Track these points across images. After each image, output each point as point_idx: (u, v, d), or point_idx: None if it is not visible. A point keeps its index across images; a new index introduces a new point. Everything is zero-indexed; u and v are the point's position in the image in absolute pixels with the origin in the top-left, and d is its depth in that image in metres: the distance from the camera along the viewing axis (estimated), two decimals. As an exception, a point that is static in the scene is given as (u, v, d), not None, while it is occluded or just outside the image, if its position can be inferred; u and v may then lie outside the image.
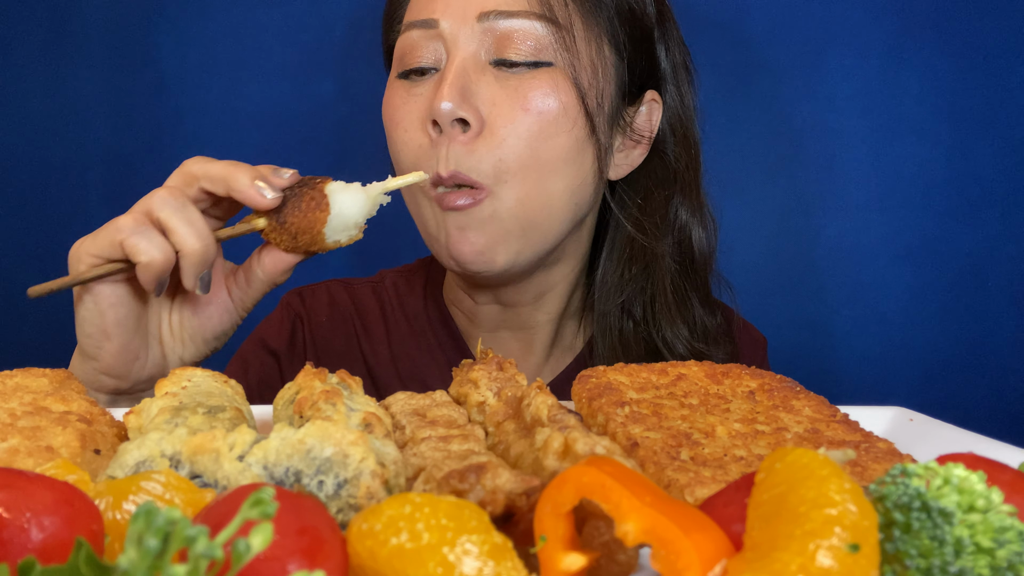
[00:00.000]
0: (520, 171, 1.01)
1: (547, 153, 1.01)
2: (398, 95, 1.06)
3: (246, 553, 0.35)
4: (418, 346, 1.23)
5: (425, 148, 1.02)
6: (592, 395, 0.72)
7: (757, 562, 0.39)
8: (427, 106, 1.02)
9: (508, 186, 1.01)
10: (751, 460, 0.61)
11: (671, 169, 1.16)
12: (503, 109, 1.00)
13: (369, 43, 1.59)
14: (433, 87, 1.02)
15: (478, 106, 1.00)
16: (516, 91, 1.00)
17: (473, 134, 0.99)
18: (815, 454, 0.44)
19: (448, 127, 0.99)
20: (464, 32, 1.01)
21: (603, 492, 0.45)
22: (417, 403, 0.73)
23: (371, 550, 0.42)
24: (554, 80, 1.01)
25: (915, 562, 0.41)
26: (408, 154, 1.04)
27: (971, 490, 0.42)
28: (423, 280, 1.28)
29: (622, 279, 1.14)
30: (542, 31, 1.01)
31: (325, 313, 1.27)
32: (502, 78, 1.01)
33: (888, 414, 0.78)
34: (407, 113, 1.04)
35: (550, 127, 1.01)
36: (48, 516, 0.41)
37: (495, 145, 1.00)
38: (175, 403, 0.64)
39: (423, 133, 1.02)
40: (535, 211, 1.03)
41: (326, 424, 0.52)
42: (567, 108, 1.02)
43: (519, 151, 1.00)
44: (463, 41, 1.01)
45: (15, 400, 0.66)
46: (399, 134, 1.05)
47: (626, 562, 0.49)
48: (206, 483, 0.51)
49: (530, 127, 1.00)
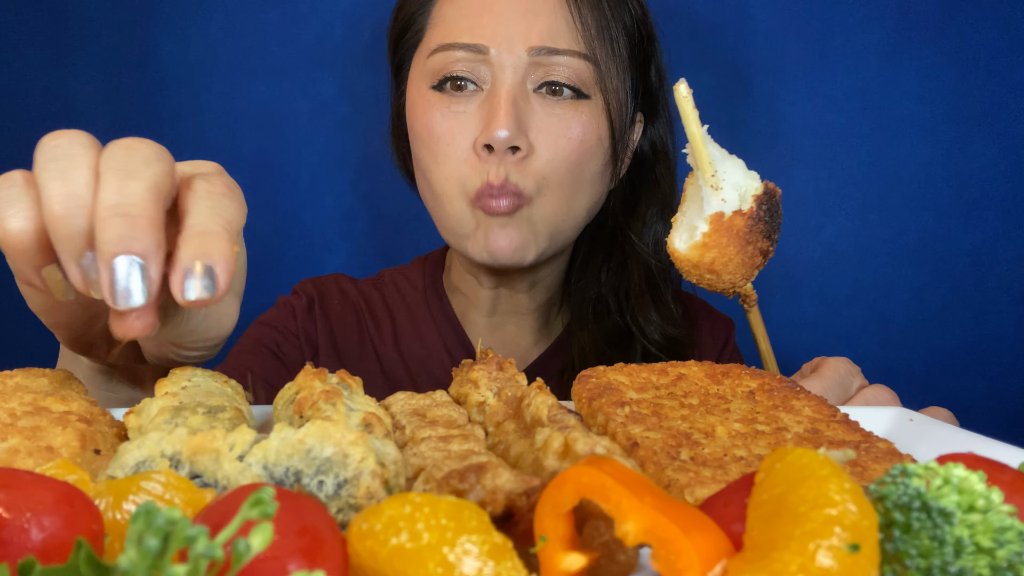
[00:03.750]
0: (557, 188, 1.14)
1: (580, 175, 1.15)
2: (437, 109, 1.14)
3: (246, 553, 0.35)
4: (419, 332, 1.34)
5: (472, 163, 1.12)
6: (592, 395, 0.72)
7: (757, 562, 0.39)
8: (474, 126, 1.12)
9: (545, 198, 1.14)
10: (751, 460, 0.61)
11: (656, 182, 1.29)
12: (548, 136, 1.12)
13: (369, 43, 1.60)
14: (481, 109, 1.12)
15: (527, 132, 1.11)
16: (560, 120, 1.12)
17: (521, 156, 1.11)
18: (815, 454, 0.44)
19: (501, 150, 1.09)
20: (512, 61, 1.11)
21: (603, 492, 0.45)
22: (417, 403, 0.73)
23: (371, 550, 0.42)
24: (592, 113, 1.15)
25: (915, 562, 0.41)
26: (451, 166, 1.13)
27: (971, 490, 0.42)
28: (421, 274, 1.39)
29: (601, 272, 1.30)
30: (583, 67, 1.13)
31: (337, 298, 1.37)
32: (546, 106, 1.13)
33: (888, 414, 0.78)
34: (449, 129, 1.13)
35: (586, 154, 1.15)
36: (48, 516, 0.41)
37: (540, 166, 1.12)
38: (175, 403, 0.64)
39: (469, 150, 1.12)
40: (563, 221, 1.18)
41: (326, 424, 0.52)
42: (601, 139, 1.16)
43: (560, 173, 1.13)
44: (512, 69, 1.11)
45: (15, 400, 0.66)
46: (441, 147, 1.13)
47: (626, 562, 0.49)
48: (206, 483, 0.51)
49: (570, 154, 1.13)
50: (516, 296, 1.30)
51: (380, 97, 1.61)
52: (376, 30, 1.63)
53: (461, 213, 1.15)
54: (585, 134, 1.13)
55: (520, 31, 1.11)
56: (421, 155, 1.17)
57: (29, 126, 1.62)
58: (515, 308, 1.32)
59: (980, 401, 1.67)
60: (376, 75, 1.64)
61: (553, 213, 1.15)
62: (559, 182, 1.13)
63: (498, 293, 1.30)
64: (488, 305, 1.31)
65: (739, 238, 0.84)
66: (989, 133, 1.64)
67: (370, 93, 1.64)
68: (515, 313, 1.32)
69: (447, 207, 1.16)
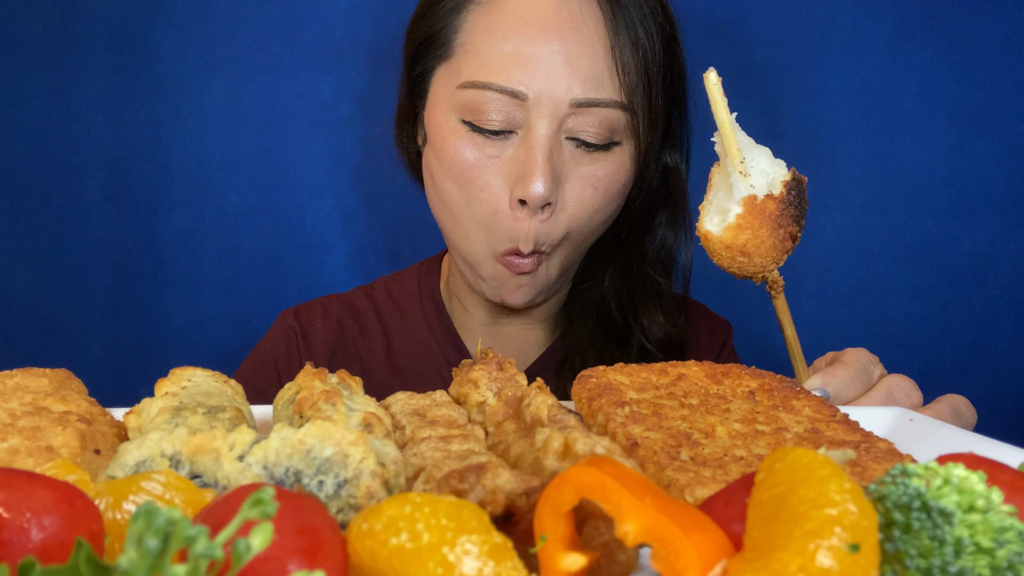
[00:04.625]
0: (575, 237, 1.15)
1: (601, 218, 1.16)
2: (469, 148, 1.11)
3: (246, 553, 0.35)
4: (414, 340, 1.32)
5: (503, 216, 1.10)
6: (592, 395, 0.72)
7: (757, 562, 0.39)
8: (507, 172, 1.09)
9: (562, 248, 1.15)
10: (751, 460, 0.61)
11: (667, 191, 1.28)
12: (576, 188, 1.11)
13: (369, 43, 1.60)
14: (515, 154, 1.09)
15: (559, 186, 1.10)
16: (590, 171, 1.11)
17: (550, 212, 1.10)
18: (815, 454, 0.44)
19: (535, 207, 1.08)
20: (551, 110, 1.07)
21: (603, 492, 0.45)
22: (417, 403, 0.73)
23: (371, 550, 0.42)
24: (621, 160, 1.13)
25: (915, 562, 0.41)
26: (480, 212, 1.12)
27: (971, 490, 0.42)
28: (417, 281, 1.37)
29: (604, 274, 1.29)
30: (620, 116, 1.10)
31: (320, 322, 1.35)
32: (576, 155, 1.11)
33: (888, 414, 0.78)
34: (482, 172, 1.10)
35: (609, 200, 1.15)
36: (48, 516, 0.41)
37: (565, 219, 1.11)
38: (175, 403, 0.64)
39: (501, 199, 1.10)
40: (576, 259, 1.21)
41: (326, 424, 0.52)
42: (626, 184, 1.16)
43: (582, 222, 1.13)
44: (549, 118, 1.08)
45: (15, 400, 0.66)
46: (474, 191, 1.11)
47: (626, 562, 0.49)
48: (206, 483, 0.51)
49: (595, 202, 1.13)
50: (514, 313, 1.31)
51: (380, 97, 1.61)
52: (376, 30, 1.63)
53: (482, 258, 1.15)
54: (611, 183, 1.13)
55: (563, 80, 1.06)
56: (448, 188, 1.14)
57: (29, 126, 1.62)
58: (514, 318, 1.32)
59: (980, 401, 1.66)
60: (376, 75, 1.64)
61: (568, 258, 1.18)
62: (580, 232, 1.14)
63: (493, 308, 1.30)
64: (487, 314, 1.31)
65: (771, 221, 0.84)
66: (989, 133, 1.64)
67: (370, 93, 1.64)
68: (514, 320, 1.33)
69: (470, 245, 1.15)
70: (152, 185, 1.64)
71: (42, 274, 1.61)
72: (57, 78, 1.61)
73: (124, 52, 1.62)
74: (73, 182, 1.62)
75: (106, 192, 1.63)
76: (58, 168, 1.62)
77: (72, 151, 1.62)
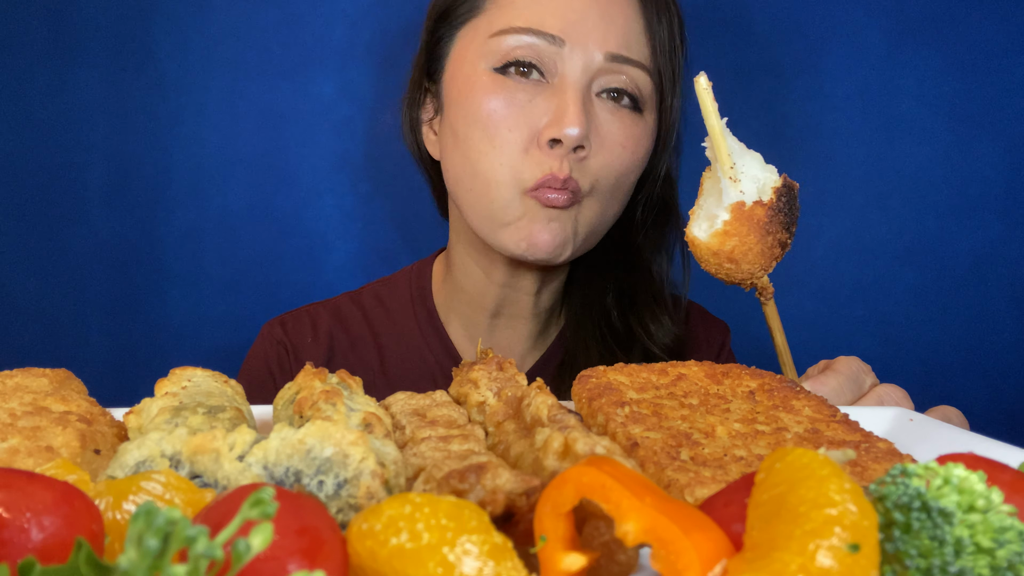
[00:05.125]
0: (605, 193, 1.16)
1: (623, 184, 1.18)
2: (499, 94, 1.12)
3: (246, 553, 0.35)
4: (407, 348, 1.31)
5: (533, 154, 1.11)
6: (592, 395, 0.72)
7: (757, 562, 0.39)
8: (537, 117, 1.11)
9: (593, 201, 1.15)
10: (751, 460, 0.61)
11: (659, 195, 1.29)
12: (608, 141, 1.13)
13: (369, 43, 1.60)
14: (548, 101, 1.10)
15: (590, 134, 1.11)
16: (620, 129, 1.14)
17: (583, 155, 1.11)
18: (815, 454, 0.44)
19: (568, 147, 1.09)
20: (585, 60, 1.11)
21: (603, 492, 0.45)
22: (417, 403, 0.73)
23: (371, 550, 0.42)
24: (645, 130, 1.18)
25: (915, 562, 0.41)
26: (508, 154, 1.12)
27: (971, 490, 0.42)
28: (407, 285, 1.36)
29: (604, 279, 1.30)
30: (647, 81, 1.15)
31: (309, 335, 1.33)
32: (607, 111, 1.14)
33: (888, 414, 0.78)
34: (512, 116, 1.11)
35: (634, 165, 1.18)
36: (48, 516, 0.41)
37: (596, 168, 1.13)
38: (175, 403, 0.64)
39: (530, 141, 1.11)
40: (598, 224, 1.19)
41: (326, 424, 0.52)
42: (645, 155, 1.19)
43: (610, 179, 1.15)
44: (583, 68, 1.11)
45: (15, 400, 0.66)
46: (503, 133, 1.12)
47: (626, 562, 0.49)
48: (206, 483, 0.51)
49: (623, 162, 1.15)
50: (521, 299, 1.28)
51: (380, 97, 1.61)
52: (376, 30, 1.63)
53: (508, 201, 1.13)
54: (636, 147, 1.16)
55: (598, 32, 1.10)
56: (472, 136, 1.14)
57: (29, 126, 1.62)
58: (518, 311, 1.30)
59: (980, 401, 1.67)
60: (376, 75, 1.64)
61: (596, 215, 1.17)
62: (608, 188, 1.15)
63: (504, 294, 1.27)
64: (492, 306, 1.28)
65: (759, 227, 0.84)
66: (989, 133, 1.64)
67: (370, 93, 1.64)
68: (517, 316, 1.31)
69: (493, 192, 1.13)
70: (152, 185, 1.64)
71: (42, 274, 1.61)
72: (57, 78, 1.61)
73: (124, 52, 1.62)
74: (73, 182, 1.62)
75: (106, 192, 1.63)
76: (58, 168, 1.62)
77: (72, 151, 1.62)
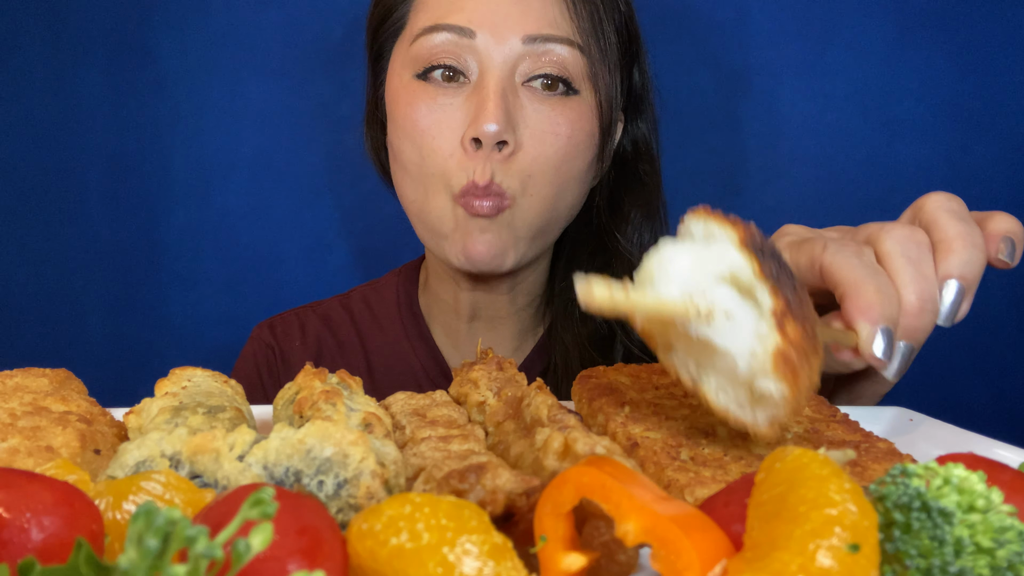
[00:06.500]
0: (542, 188, 1.09)
1: (567, 173, 1.11)
2: (422, 101, 1.09)
3: (246, 553, 0.35)
4: (393, 354, 1.30)
5: (457, 158, 1.07)
6: (592, 395, 0.72)
7: (757, 562, 0.39)
8: (461, 119, 1.07)
9: (529, 199, 1.09)
10: (751, 460, 0.61)
11: (639, 180, 1.26)
12: (536, 132, 1.07)
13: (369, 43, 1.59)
14: (468, 101, 1.07)
15: (515, 128, 1.06)
16: (549, 116, 1.08)
17: (508, 152, 1.06)
18: (815, 454, 0.44)
19: (489, 146, 1.04)
20: (503, 50, 1.06)
21: (603, 492, 0.45)
22: (417, 403, 0.73)
23: (371, 550, 0.42)
24: (582, 109, 1.10)
25: (915, 562, 0.41)
26: (437, 161, 1.08)
27: (971, 490, 0.42)
28: (394, 291, 1.34)
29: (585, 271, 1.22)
30: (576, 58, 1.08)
31: (298, 338, 1.32)
32: (535, 101, 1.08)
33: (888, 414, 0.78)
34: (436, 122, 1.08)
35: (574, 151, 1.10)
36: (48, 516, 0.41)
37: (526, 163, 1.07)
38: (175, 403, 0.64)
39: (455, 145, 1.07)
40: (546, 221, 1.13)
41: (326, 424, 0.52)
42: (590, 135, 1.12)
43: (546, 170, 1.09)
44: (501, 59, 1.06)
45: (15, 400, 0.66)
46: (427, 141, 1.08)
47: (626, 562, 0.49)
48: (206, 483, 0.51)
49: (558, 150, 1.09)
50: (496, 300, 1.26)
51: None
52: (376, 30, 1.63)
53: (442, 210, 1.10)
54: (573, 131, 1.09)
55: (513, 18, 1.05)
56: (403, 148, 1.11)
57: (29, 126, 1.62)
58: (496, 312, 1.27)
59: (980, 401, 1.67)
60: (376, 75, 1.63)
61: (536, 215, 1.11)
62: (545, 182, 1.09)
63: (476, 297, 1.25)
64: (468, 310, 1.26)
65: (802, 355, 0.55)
66: (989, 133, 1.64)
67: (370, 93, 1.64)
68: (496, 318, 1.28)
69: (430, 202, 1.11)
70: (152, 185, 1.64)
71: (42, 274, 1.61)
72: (57, 78, 1.61)
73: (124, 52, 1.62)
74: (73, 182, 1.62)
75: (106, 192, 1.63)
76: (58, 168, 1.62)
77: (72, 151, 1.62)
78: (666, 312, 0.57)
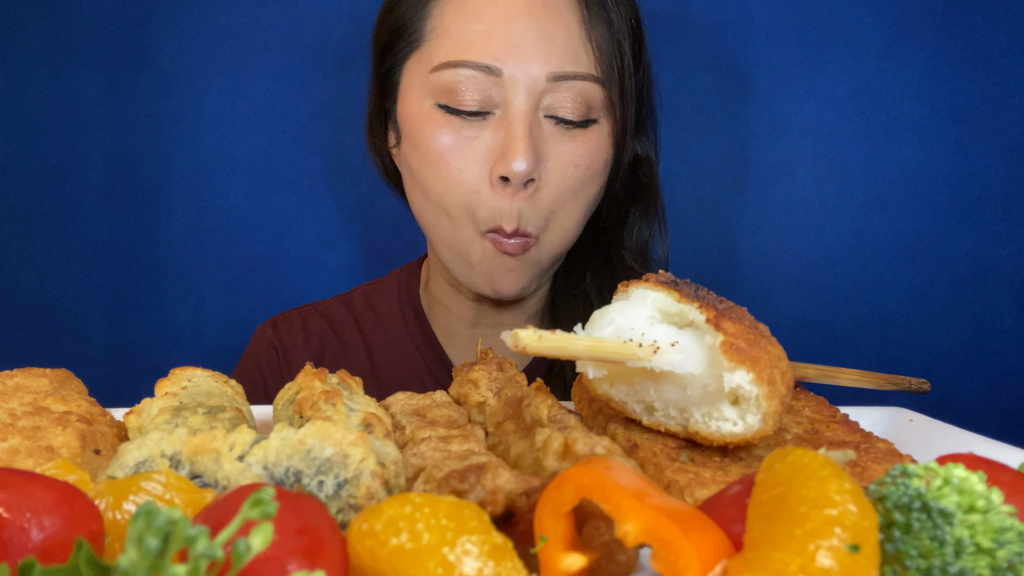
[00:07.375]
0: (564, 220, 1.13)
1: (584, 200, 1.14)
2: (446, 132, 1.09)
3: (246, 553, 0.35)
4: (396, 353, 1.30)
5: (484, 194, 1.08)
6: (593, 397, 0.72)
7: (757, 562, 0.39)
8: (487, 153, 1.08)
9: (551, 233, 1.13)
10: (751, 460, 0.61)
11: (638, 181, 1.27)
12: (557, 165, 1.10)
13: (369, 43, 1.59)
14: (495, 134, 1.08)
15: (543, 160, 1.09)
16: (570, 148, 1.10)
17: (533, 188, 1.08)
18: (815, 454, 0.44)
19: (517, 184, 1.06)
20: (527, 84, 1.07)
21: (603, 492, 0.45)
22: (417, 403, 0.73)
23: (371, 550, 0.42)
24: (600, 138, 1.13)
25: (915, 562, 0.41)
26: (461, 195, 1.10)
27: (971, 490, 0.42)
28: (396, 291, 1.35)
29: (586, 271, 1.28)
30: (595, 91, 1.10)
31: (300, 337, 1.33)
32: (556, 133, 1.10)
33: (888, 414, 0.78)
34: (461, 155, 1.09)
35: (591, 179, 1.13)
36: (48, 516, 0.41)
37: (548, 197, 1.10)
38: (175, 403, 0.64)
39: (481, 179, 1.08)
40: (563, 247, 1.17)
41: (326, 424, 0.52)
42: (607, 163, 1.15)
43: (566, 203, 1.12)
44: (527, 94, 1.07)
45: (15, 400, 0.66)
46: (453, 174, 1.09)
47: (626, 562, 0.49)
48: (206, 483, 0.51)
49: (576, 180, 1.11)
50: (500, 312, 1.28)
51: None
52: (376, 30, 1.63)
53: (469, 241, 1.12)
54: (592, 160, 1.12)
55: (538, 53, 1.06)
56: (425, 176, 1.12)
57: (29, 126, 1.62)
58: (498, 322, 1.29)
59: (980, 401, 1.67)
60: (376, 75, 1.63)
61: (559, 245, 1.15)
62: (566, 215, 1.13)
63: (482, 309, 1.27)
64: (470, 317, 1.28)
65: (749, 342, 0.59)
66: (989, 133, 1.64)
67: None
68: (499, 327, 1.29)
69: (455, 231, 1.13)
70: (152, 185, 1.64)
71: (42, 274, 1.61)
72: (57, 78, 1.61)
73: (124, 52, 1.62)
74: (73, 182, 1.62)
75: (106, 192, 1.63)
76: (58, 168, 1.62)
77: (72, 151, 1.62)
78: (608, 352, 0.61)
